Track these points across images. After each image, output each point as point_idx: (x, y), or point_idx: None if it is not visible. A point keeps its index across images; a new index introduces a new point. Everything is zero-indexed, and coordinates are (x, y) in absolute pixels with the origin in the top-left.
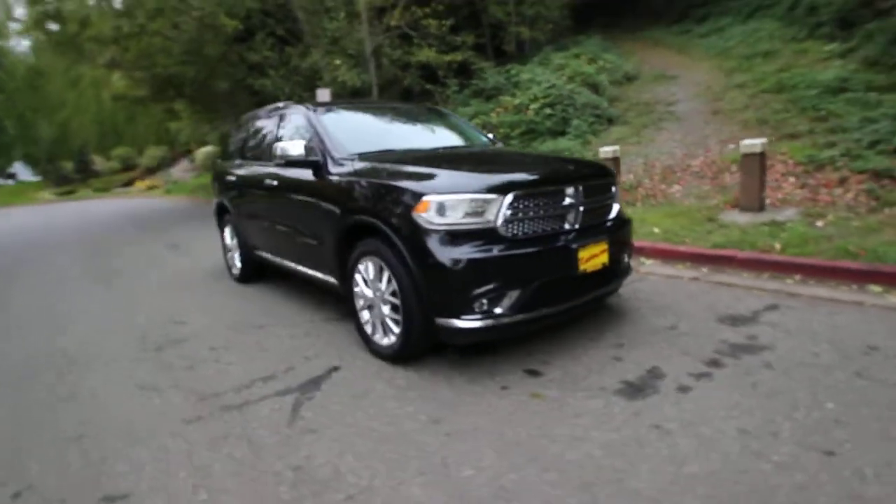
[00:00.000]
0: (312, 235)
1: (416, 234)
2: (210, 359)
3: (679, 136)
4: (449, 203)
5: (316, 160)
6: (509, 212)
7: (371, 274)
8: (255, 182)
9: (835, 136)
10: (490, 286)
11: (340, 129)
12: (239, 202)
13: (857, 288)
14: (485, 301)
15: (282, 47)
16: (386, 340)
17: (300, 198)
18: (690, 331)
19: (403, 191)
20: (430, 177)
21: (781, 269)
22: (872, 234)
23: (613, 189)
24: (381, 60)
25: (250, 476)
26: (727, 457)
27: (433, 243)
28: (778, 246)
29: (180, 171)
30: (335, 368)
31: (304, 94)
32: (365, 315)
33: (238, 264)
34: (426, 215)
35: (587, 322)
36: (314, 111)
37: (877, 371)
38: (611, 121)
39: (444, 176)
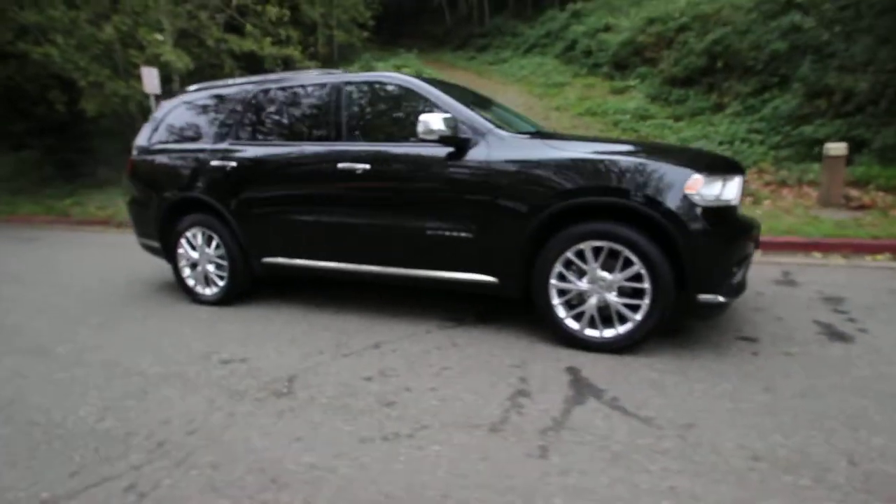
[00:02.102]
0: (464, 228)
1: (690, 212)
2: (396, 389)
3: None
4: (713, 181)
5: (467, 138)
6: (739, 192)
7: (593, 261)
8: (302, 167)
9: None
10: (741, 261)
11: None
12: (247, 196)
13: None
14: (732, 275)
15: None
16: (610, 332)
17: (444, 185)
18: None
19: (671, 169)
20: (675, 157)
21: None
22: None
23: None
24: (186, 42)
25: (734, 479)
26: None
27: (707, 220)
28: None
29: None
30: (574, 369)
31: (102, 70)
32: (562, 311)
33: (219, 282)
34: (696, 193)
35: None
36: (423, 80)
37: None
38: None
39: (692, 156)
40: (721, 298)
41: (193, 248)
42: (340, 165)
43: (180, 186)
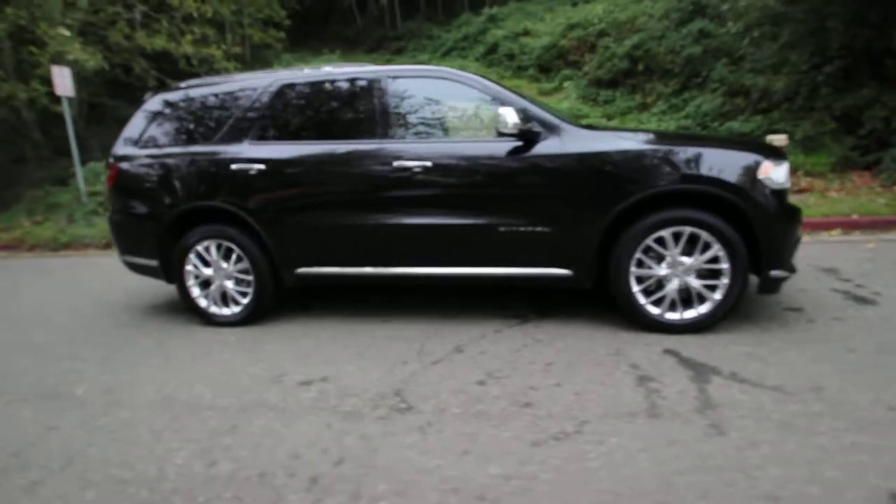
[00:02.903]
0: (540, 223)
1: (764, 195)
2: (520, 389)
3: None
4: (778, 166)
5: (538, 132)
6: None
7: (673, 247)
8: (349, 167)
9: None
10: (797, 240)
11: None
12: (278, 201)
13: None
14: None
15: None
16: (691, 313)
17: (517, 180)
18: None
19: (743, 156)
20: (738, 145)
21: None
22: None
23: None
24: (85, 40)
25: (892, 428)
26: None
27: (780, 202)
28: None
29: None
30: (672, 351)
31: None
32: (641, 297)
33: (241, 299)
34: (767, 177)
35: None
36: (477, 75)
37: None
38: None
39: (749, 144)
40: (786, 273)
41: (206, 263)
42: (396, 164)
43: (187, 195)
